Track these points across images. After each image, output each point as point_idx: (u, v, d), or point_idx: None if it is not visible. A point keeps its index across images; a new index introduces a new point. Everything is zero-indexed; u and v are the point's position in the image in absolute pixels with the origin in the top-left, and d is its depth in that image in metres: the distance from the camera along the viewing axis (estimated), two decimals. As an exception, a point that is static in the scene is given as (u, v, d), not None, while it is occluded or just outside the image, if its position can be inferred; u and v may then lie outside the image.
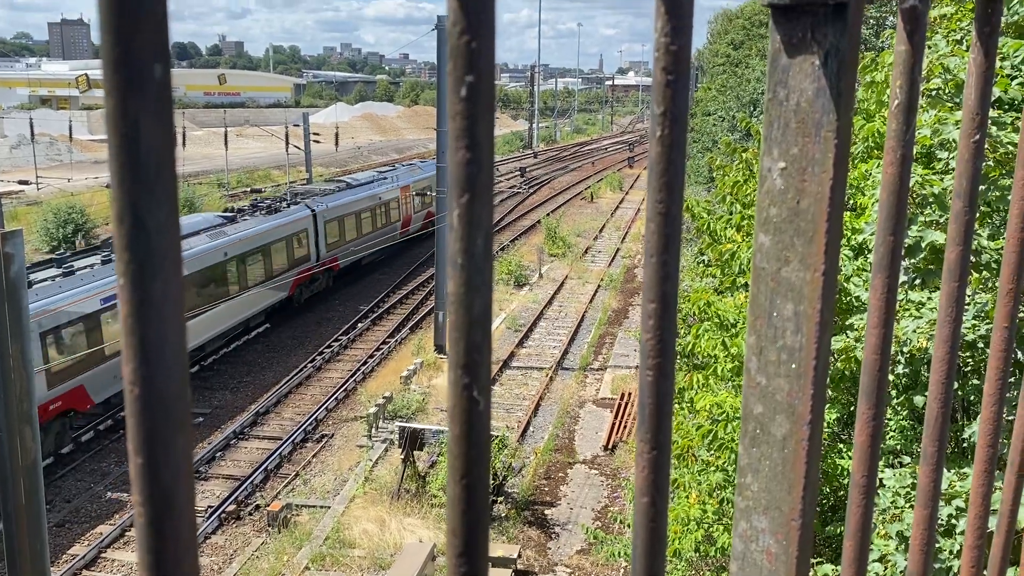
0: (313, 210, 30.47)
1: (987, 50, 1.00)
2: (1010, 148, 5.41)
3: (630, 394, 22.69)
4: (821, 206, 0.78)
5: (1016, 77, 5.77)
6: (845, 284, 7.58)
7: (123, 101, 0.36)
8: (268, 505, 17.18)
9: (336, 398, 23.09)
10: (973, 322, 5.80)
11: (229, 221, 26.87)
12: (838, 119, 0.76)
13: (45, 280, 18.91)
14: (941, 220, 5.54)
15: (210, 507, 17.17)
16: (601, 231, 47.01)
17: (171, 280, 0.39)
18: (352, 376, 24.52)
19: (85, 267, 20.48)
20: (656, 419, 0.68)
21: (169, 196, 0.38)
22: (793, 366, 0.81)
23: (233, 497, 17.68)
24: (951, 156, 5.88)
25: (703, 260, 13.00)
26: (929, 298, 6.00)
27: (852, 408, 8.80)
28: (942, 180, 5.75)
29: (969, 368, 6.44)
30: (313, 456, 20.03)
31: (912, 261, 5.76)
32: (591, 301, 32.50)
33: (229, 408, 22.64)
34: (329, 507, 17.44)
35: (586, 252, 41.49)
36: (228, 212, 29.04)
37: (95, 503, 17.83)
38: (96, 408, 20.26)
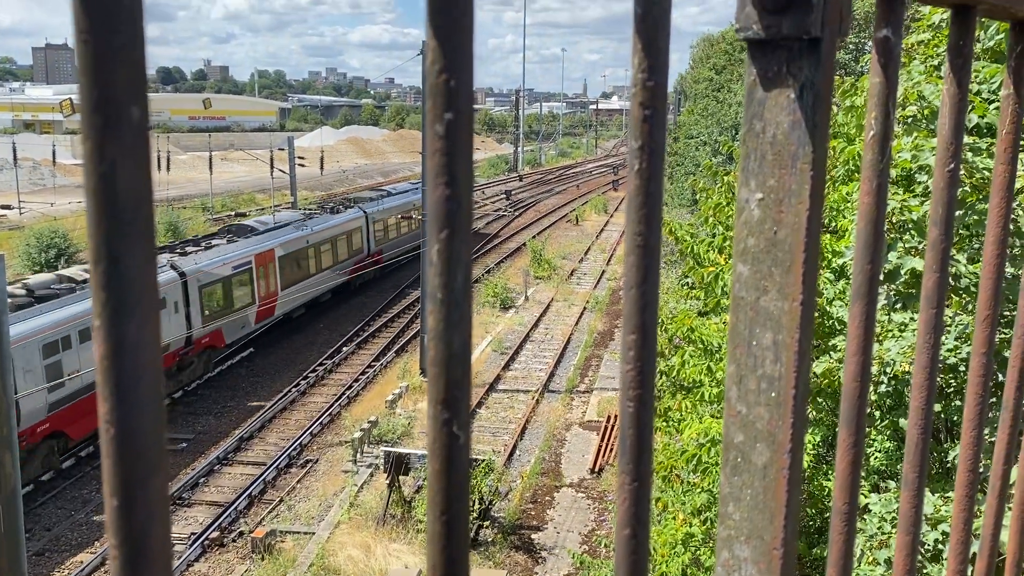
0: (365, 212, 36.19)
1: (960, 81, 1.02)
2: (986, 174, 5.49)
3: (616, 416, 22.65)
4: (798, 236, 0.79)
5: (994, 102, 5.86)
6: (827, 307, 7.62)
7: (100, 143, 0.37)
8: (252, 532, 16.98)
9: (321, 423, 22.94)
10: (955, 343, 5.85)
11: (307, 218, 32.43)
12: (814, 151, 0.77)
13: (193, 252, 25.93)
14: (920, 247, 5.61)
15: (193, 534, 16.96)
16: (586, 253, 47.17)
17: (147, 320, 0.39)
18: (337, 400, 24.38)
19: (216, 245, 27.34)
20: (637, 450, 0.68)
21: (146, 236, 0.38)
22: (773, 395, 0.82)
23: (216, 524, 17.48)
24: (930, 179, 5.96)
25: (687, 282, 13.06)
26: (912, 318, 6.05)
27: (837, 429, 8.83)
28: (921, 205, 5.82)
29: (952, 389, 6.48)
30: (297, 482, 19.85)
31: (893, 285, 5.81)
32: (577, 323, 32.53)
33: (212, 433, 22.44)
34: (314, 533, 17.26)
35: (572, 274, 41.57)
36: (304, 211, 35.08)
37: (76, 531, 17.57)
38: (225, 349, 26.90)
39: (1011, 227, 1.26)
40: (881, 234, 0.93)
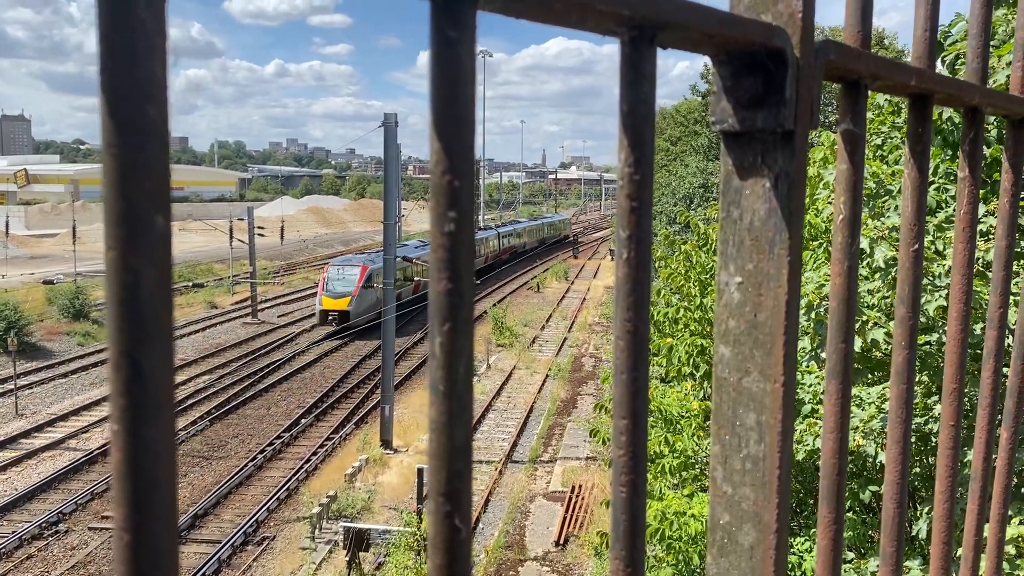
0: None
1: (920, 165, 1.07)
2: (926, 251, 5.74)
3: (581, 487, 22.44)
4: (778, 319, 0.81)
5: (932, 183, 6.15)
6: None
7: (125, 254, 0.37)
8: (205, 614, 16.33)
9: (278, 498, 22.35)
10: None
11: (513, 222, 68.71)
12: (790, 237, 0.80)
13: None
14: (856, 326, 5.83)
15: (142, 618, 16.23)
16: (548, 320, 47.30)
17: (165, 427, 0.39)
18: (295, 474, 23.82)
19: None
20: (630, 536, 0.68)
21: (166, 343, 0.39)
22: (758, 475, 0.83)
23: (167, 607, 16.76)
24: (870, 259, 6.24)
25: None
26: (868, 393, 6.17)
27: (798, 496, 8.87)
28: (865, 280, 6.04)
29: (913, 459, 6.58)
30: (254, 560, 19.22)
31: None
32: (539, 391, 32.40)
33: (165, 511, 21.69)
34: (270, 614, 16.65)
35: (533, 342, 41.59)
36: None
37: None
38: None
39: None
40: (853, 314, 0.96)
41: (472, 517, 0.54)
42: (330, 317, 40.79)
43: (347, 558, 17.40)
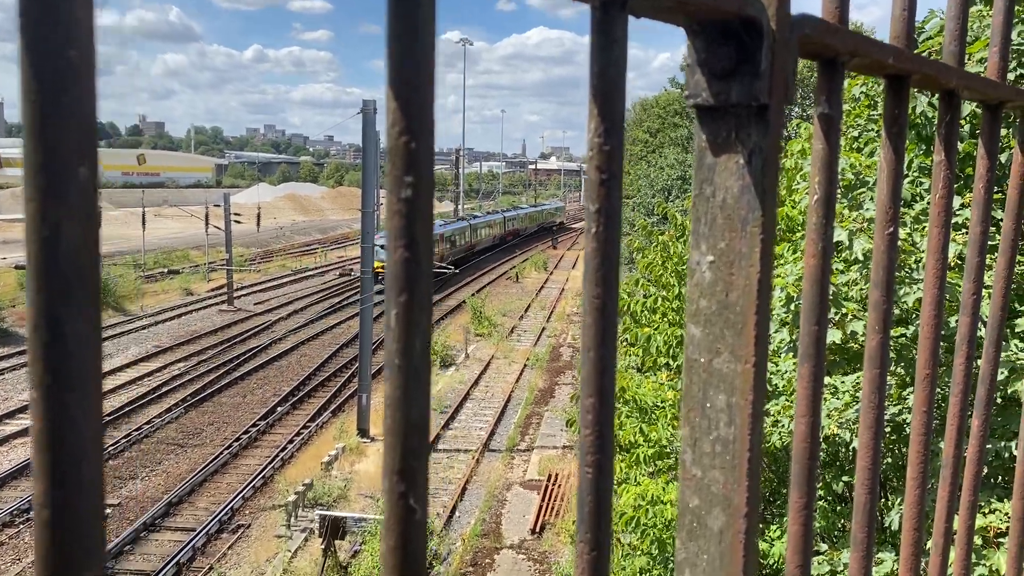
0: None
1: (896, 148, 1.06)
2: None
3: (557, 475, 22.51)
4: (749, 299, 0.79)
5: (906, 176, 6.18)
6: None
7: (44, 205, 0.35)
8: (178, 603, 16.23)
9: (254, 486, 22.22)
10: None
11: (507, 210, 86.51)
12: (763, 215, 0.78)
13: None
14: (835, 318, 5.84)
15: (115, 607, 16.13)
16: (527, 310, 47.32)
17: (90, 394, 0.36)
18: (270, 463, 23.69)
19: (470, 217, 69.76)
20: (596, 518, 0.66)
21: (90, 304, 0.36)
22: (728, 457, 0.81)
23: (140, 595, 16.66)
24: (846, 251, 6.29)
25: (624, 339, 13.20)
26: (843, 382, 6.21)
27: (772, 486, 8.94)
28: (843, 273, 6.07)
29: (884, 448, 6.65)
30: (229, 548, 19.11)
31: None
32: (517, 381, 32.42)
33: (140, 498, 21.53)
34: (244, 603, 16.58)
35: (512, 331, 41.59)
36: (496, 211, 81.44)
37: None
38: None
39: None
40: (826, 297, 0.95)
41: (428, 497, 0.52)
42: (380, 278, 50.20)
43: (323, 546, 17.35)
